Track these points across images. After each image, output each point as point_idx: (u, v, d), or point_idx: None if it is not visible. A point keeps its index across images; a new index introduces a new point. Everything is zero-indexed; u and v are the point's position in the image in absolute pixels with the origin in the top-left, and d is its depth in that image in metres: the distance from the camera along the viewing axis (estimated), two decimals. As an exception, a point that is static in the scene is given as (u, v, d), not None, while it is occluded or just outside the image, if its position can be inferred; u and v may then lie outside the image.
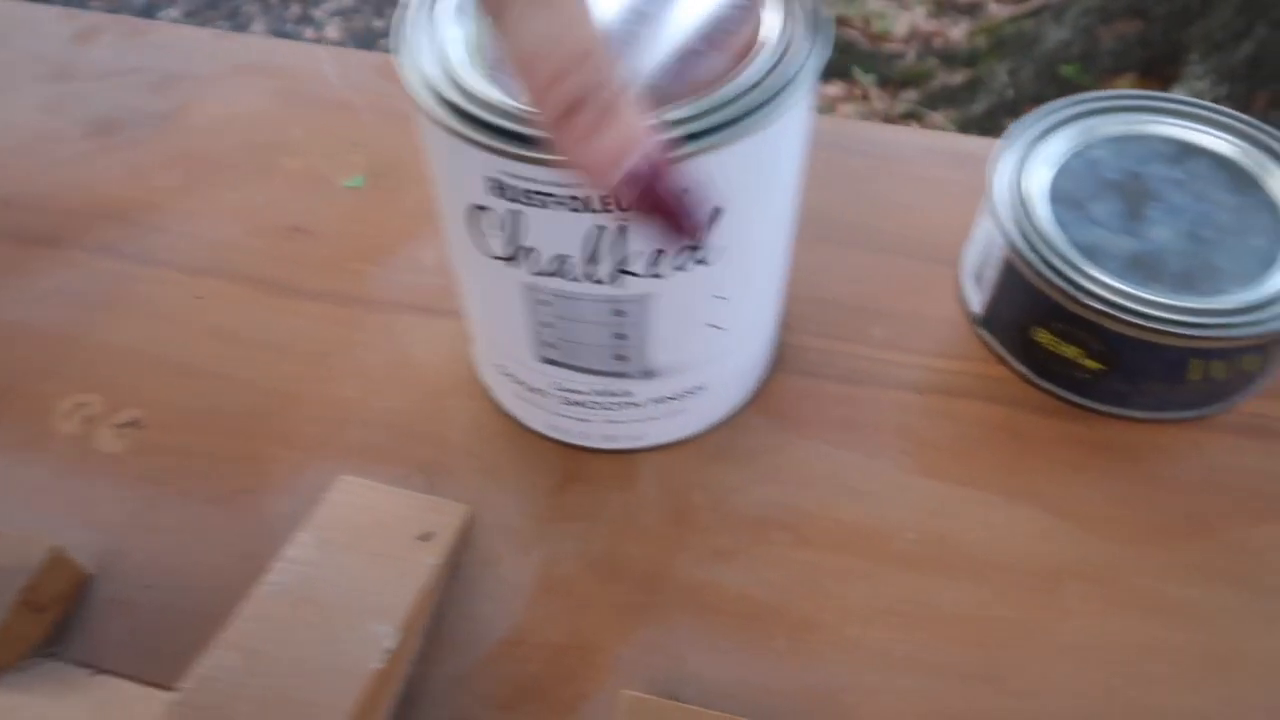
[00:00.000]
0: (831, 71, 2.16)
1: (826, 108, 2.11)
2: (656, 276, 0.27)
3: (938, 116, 1.98)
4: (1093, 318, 0.32)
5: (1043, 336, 0.34)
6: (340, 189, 0.43)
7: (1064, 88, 1.91)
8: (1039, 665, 0.30)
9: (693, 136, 0.24)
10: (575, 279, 0.27)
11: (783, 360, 0.37)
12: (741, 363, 0.33)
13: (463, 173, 0.26)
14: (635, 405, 0.32)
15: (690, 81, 0.25)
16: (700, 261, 0.27)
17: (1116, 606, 0.31)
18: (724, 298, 0.29)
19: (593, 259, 0.26)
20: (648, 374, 0.31)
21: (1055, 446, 0.34)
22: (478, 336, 0.34)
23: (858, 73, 2.14)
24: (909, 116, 2.02)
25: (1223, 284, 0.32)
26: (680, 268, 0.27)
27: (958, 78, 2.08)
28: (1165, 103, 0.37)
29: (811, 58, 0.26)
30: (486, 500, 0.34)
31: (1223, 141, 0.36)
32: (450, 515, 0.33)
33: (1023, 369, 0.36)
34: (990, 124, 1.93)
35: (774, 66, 0.25)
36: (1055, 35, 2.00)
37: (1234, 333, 0.31)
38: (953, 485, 0.34)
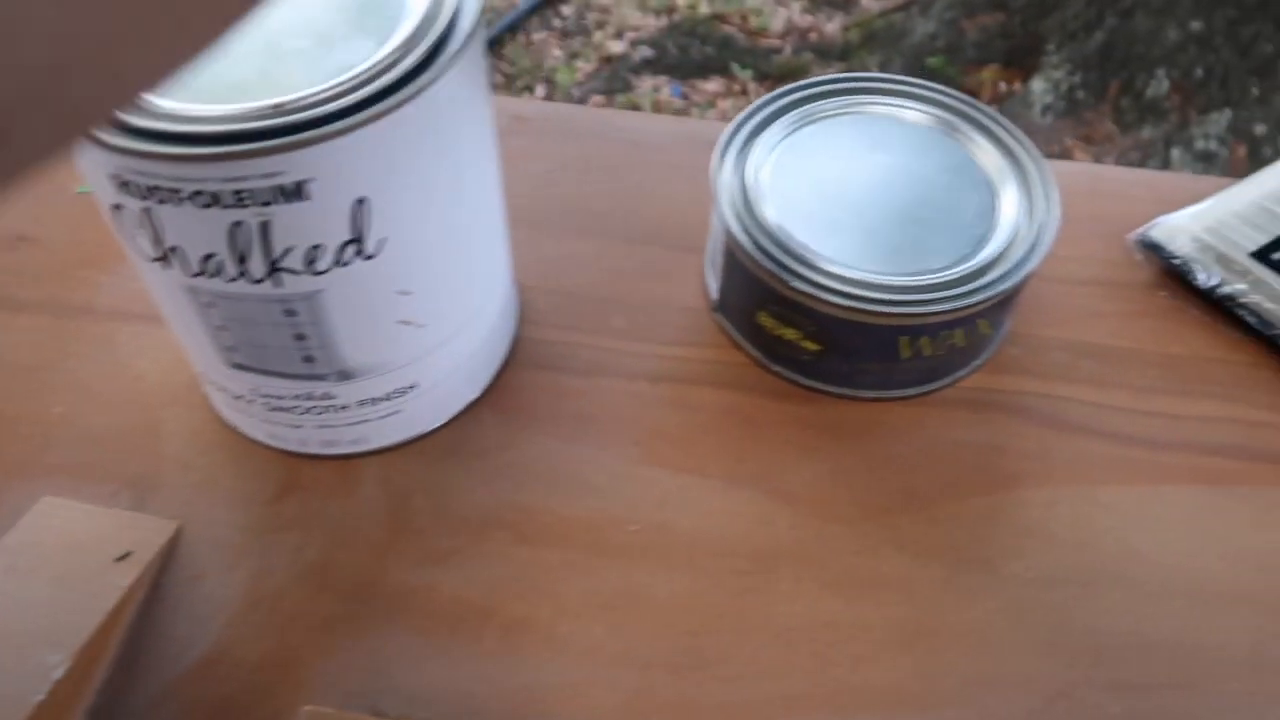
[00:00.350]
0: (710, 68, 2.18)
1: (706, 104, 2.13)
2: (317, 273, 0.26)
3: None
4: (802, 300, 0.32)
5: (765, 320, 0.34)
6: (74, 195, 0.41)
7: (931, 79, 1.96)
8: (748, 650, 0.30)
9: (323, 120, 0.23)
10: (232, 279, 0.26)
11: (519, 354, 0.36)
12: (458, 359, 0.32)
13: (93, 171, 0.25)
14: (342, 408, 0.31)
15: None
16: (363, 255, 0.26)
17: (829, 587, 0.31)
18: (409, 292, 0.28)
19: (243, 258, 0.25)
20: (344, 375, 0.30)
21: (783, 429, 0.34)
22: (181, 345, 0.32)
23: (735, 68, 2.16)
24: (786, 110, 2.04)
25: (932, 261, 0.33)
26: (342, 263, 0.26)
27: (832, 71, 2.12)
28: (877, 83, 0.37)
29: (456, 32, 0.25)
30: (199, 514, 0.32)
31: (931, 117, 0.37)
32: (153, 533, 0.31)
33: (755, 353, 0.36)
34: (864, 116, 1.97)
35: (407, 44, 0.24)
36: (922, 28, 2.05)
37: (932, 309, 0.31)
38: (677, 474, 0.33)
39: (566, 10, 2.46)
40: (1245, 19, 1.74)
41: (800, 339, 0.33)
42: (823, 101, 0.37)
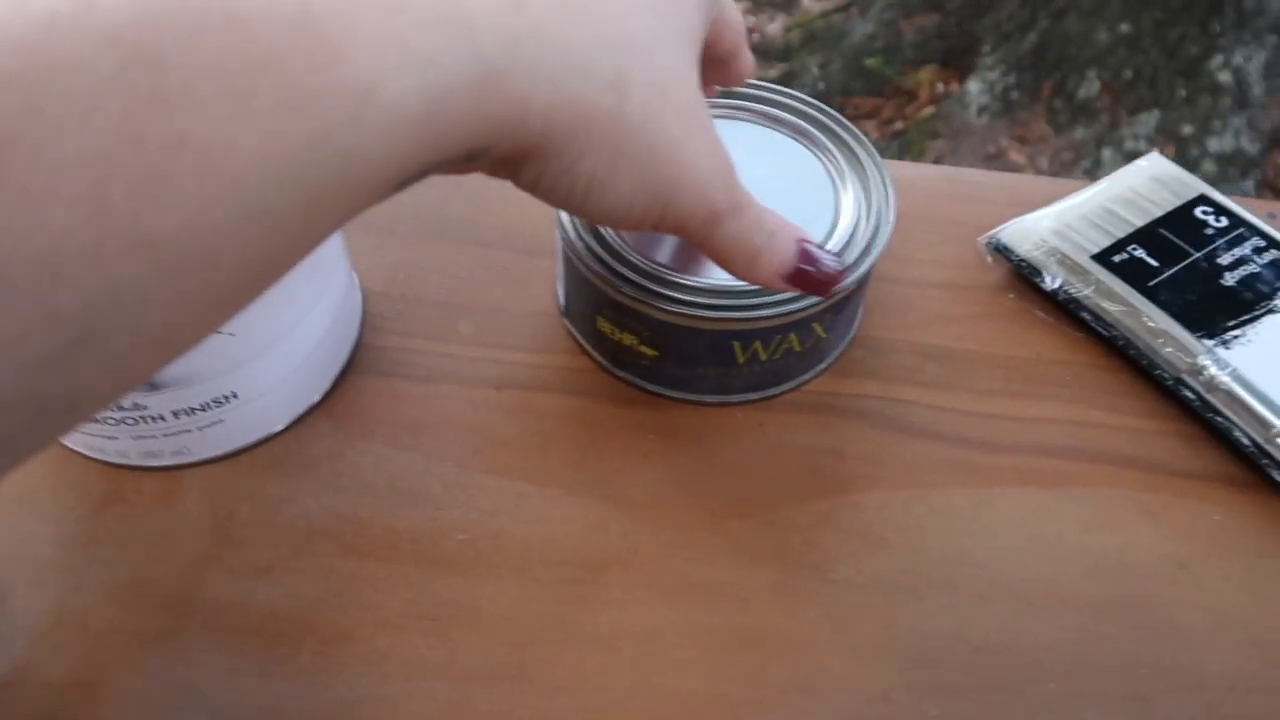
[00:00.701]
0: (653, 67, 2.18)
1: (649, 103, 2.13)
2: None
3: (754, 110, 2.01)
4: (633, 305, 0.32)
5: (605, 325, 0.34)
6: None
7: (870, 80, 1.97)
8: (571, 659, 0.29)
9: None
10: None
11: (360, 361, 0.35)
12: (284, 369, 0.32)
13: None
14: (158, 419, 0.30)
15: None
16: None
17: (658, 593, 0.31)
18: (209, 301, 0.27)
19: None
20: (151, 385, 0.29)
21: (625, 435, 0.34)
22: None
23: (678, 68, 2.16)
24: (727, 110, 2.05)
25: None
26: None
27: (773, 72, 2.12)
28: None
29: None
30: (14, 531, 0.31)
31: (773, 120, 0.36)
32: (-42, 549, 0.30)
33: (600, 359, 0.35)
34: (805, 116, 1.98)
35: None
36: (861, 29, 2.07)
37: (761, 313, 0.31)
38: (515, 482, 0.33)
39: (510, 9, 2.43)
40: (1171, 21, 1.77)
41: (638, 344, 0.33)
42: None
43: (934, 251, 0.39)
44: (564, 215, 0.33)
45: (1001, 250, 0.38)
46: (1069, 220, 0.38)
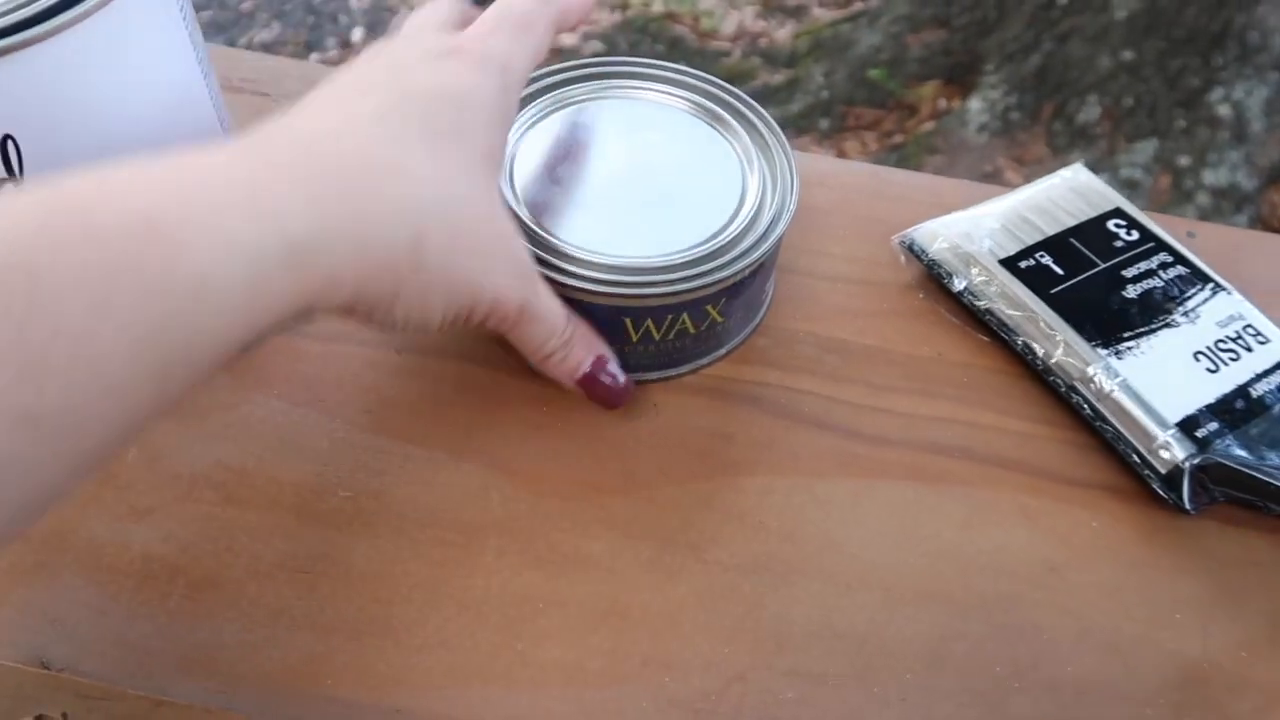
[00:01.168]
0: (658, 65, 2.18)
1: (652, 101, 2.13)
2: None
3: (755, 114, 2.01)
4: None
5: None
6: None
7: (873, 91, 1.97)
8: (436, 620, 0.30)
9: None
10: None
11: (266, 318, 0.36)
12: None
13: None
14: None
15: None
16: (27, 197, 0.26)
17: (530, 562, 0.31)
18: (94, 240, 0.28)
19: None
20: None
21: (518, 406, 0.34)
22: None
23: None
24: (729, 113, 2.05)
25: (668, 245, 0.33)
26: None
27: (778, 78, 2.13)
28: (636, 67, 0.38)
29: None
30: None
31: (689, 103, 0.37)
32: None
33: (501, 330, 0.36)
34: (806, 123, 1.98)
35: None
36: (868, 40, 2.07)
37: (648, 291, 0.31)
38: (404, 444, 0.33)
39: None
40: (1174, 51, 1.77)
41: None
42: (579, 85, 0.37)
43: (849, 247, 0.39)
44: None
45: (914, 250, 0.38)
46: (983, 224, 0.38)
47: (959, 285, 0.37)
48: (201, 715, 0.26)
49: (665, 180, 0.35)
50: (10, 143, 0.24)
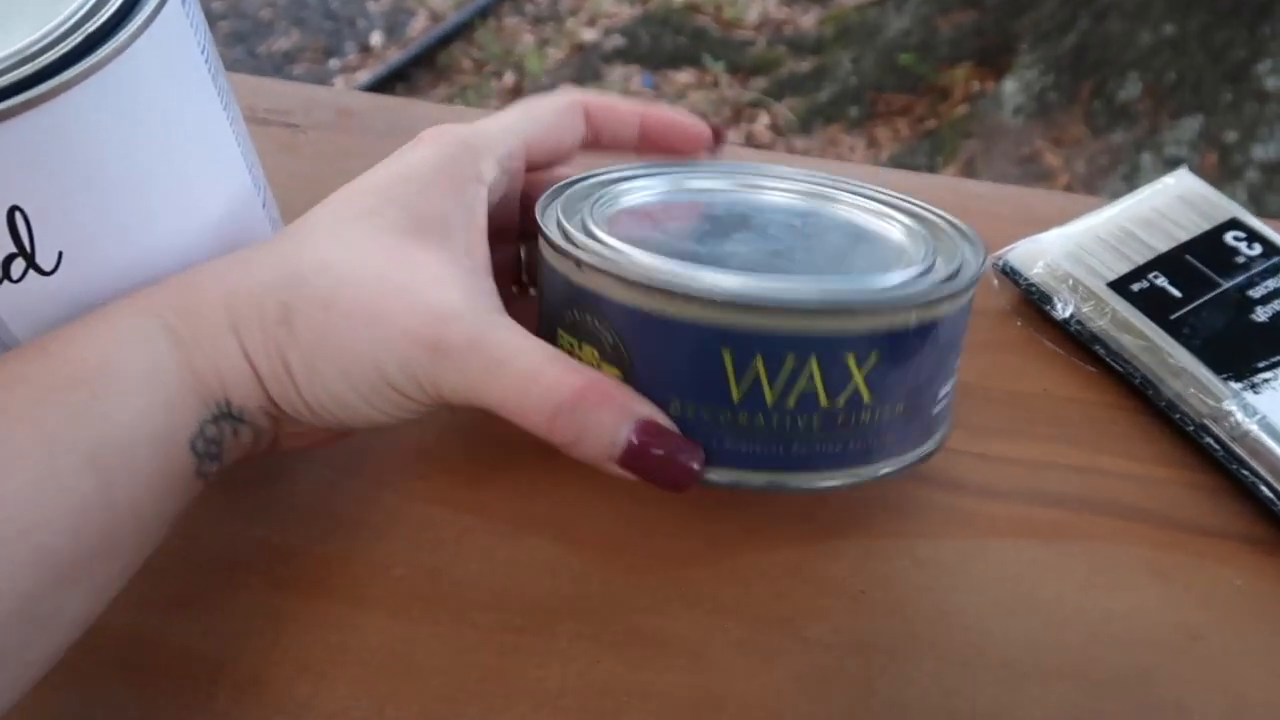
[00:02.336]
0: (682, 58, 2.14)
1: (677, 94, 2.09)
2: (-17, 291, 0.23)
3: (781, 107, 1.97)
4: (587, 286, 0.26)
5: (565, 341, 0.31)
6: None
7: (903, 76, 1.92)
8: (510, 718, 0.27)
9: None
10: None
11: (305, 376, 0.33)
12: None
13: None
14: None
15: None
16: (39, 271, 0.23)
17: (608, 647, 0.28)
18: (115, 313, 0.25)
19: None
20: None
21: (583, 468, 0.31)
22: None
23: (708, 60, 2.12)
24: (755, 105, 2.02)
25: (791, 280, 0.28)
26: (12, 279, 0.23)
27: (805, 65, 2.09)
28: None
29: (135, 11, 0.22)
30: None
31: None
32: None
33: (563, 381, 0.32)
34: (835, 112, 1.94)
35: (71, 20, 0.21)
36: (896, 24, 2.02)
37: (763, 317, 0.26)
38: (461, 514, 0.30)
39: (540, -5, 2.42)
40: (1218, 24, 1.71)
41: (597, 361, 0.30)
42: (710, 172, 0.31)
43: (937, 272, 0.36)
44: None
45: (1009, 273, 0.35)
46: (1084, 242, 0.34)
47: (1063, 312, 0.33)
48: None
49: (817, 236, 0.28)
50: (19, 214, 0.21)
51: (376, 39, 2.28)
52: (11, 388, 0.21)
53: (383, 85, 2.01)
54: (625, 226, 0.28)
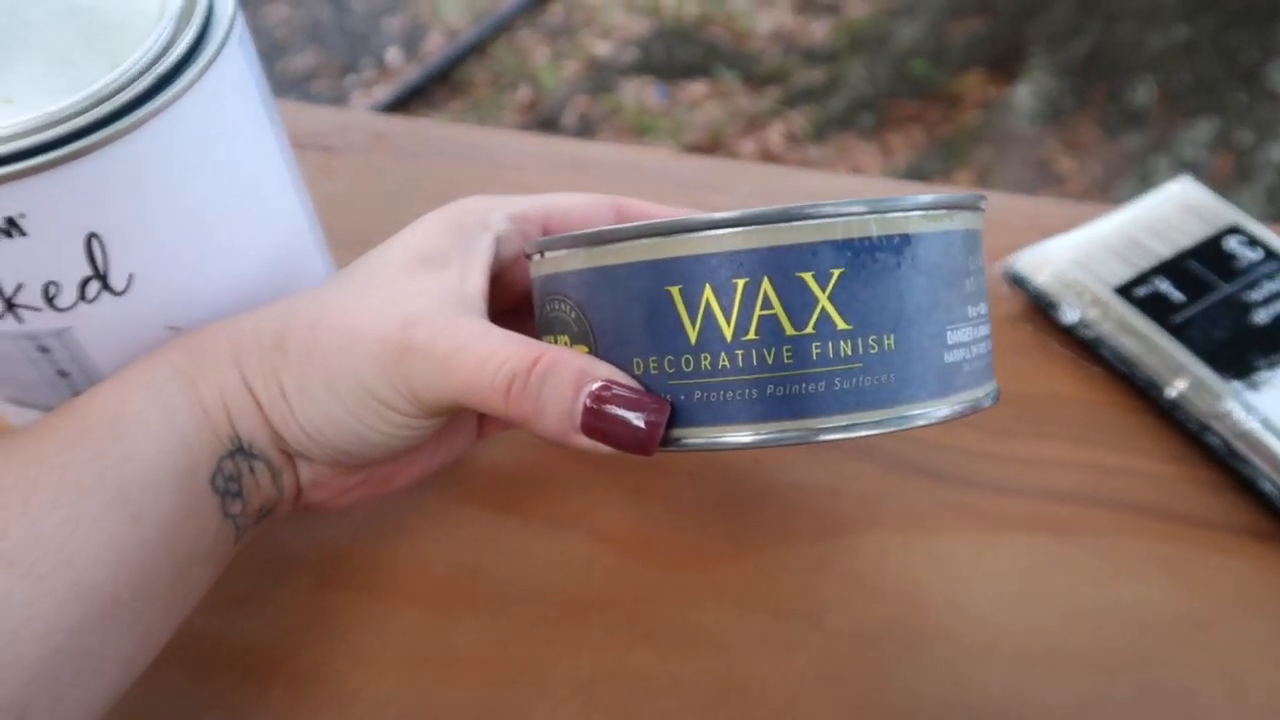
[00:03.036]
0: (695, 70, 2.16)
1: (691, 106, 2.11)
2: (60, 310, 0.25)
3: (797, 115, 1.99)
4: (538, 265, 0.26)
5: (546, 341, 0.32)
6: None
7: (915, 84, 1.93)
8: (547, 706, 0.28)
9: (27, 153, 0.21)
10: (-29, 315, 0.24)
11: (348, 385, 0.35)
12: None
13: None
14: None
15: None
16: (112, 292, 0.25)
17: (639, 638, 0.29)
18: (179, 328, 0.27)
19: (-24, 294, 0.24)
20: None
21: (615, 469, 0.33)
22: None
23: (721, 71, 2.14)
24: (770, 115, 2.03)
25: None
26: (88, 299, 0.25)
27: (818, 75, 2.10)
28: None
29: (200, 54, 0.24)
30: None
31: None
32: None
33: (592, 388, 0.34)
34: (848, 120, 1.95)
35: (145, 60, 0.23)
36: (908, 32, 2.03)
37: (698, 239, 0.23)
38: (497, 515, 0.32)
39: (554, 11, 2.45)
40: (1231, 26, 1.72)
41: (569, 345, 0.31)
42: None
43: (948, 279, 0.37)
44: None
45: (1017, 279, 0.36)
46: (1090, 249, 0.36)
47: (1070, 317, 0.35)
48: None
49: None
50: (95, 241, 0.23)
51: (393, 56, 2.31)
52: (42, 439, 0.23)
53: (400, 101, 2.04)
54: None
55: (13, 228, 0.22)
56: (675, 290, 0.22)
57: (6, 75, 0.23)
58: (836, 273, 0.21)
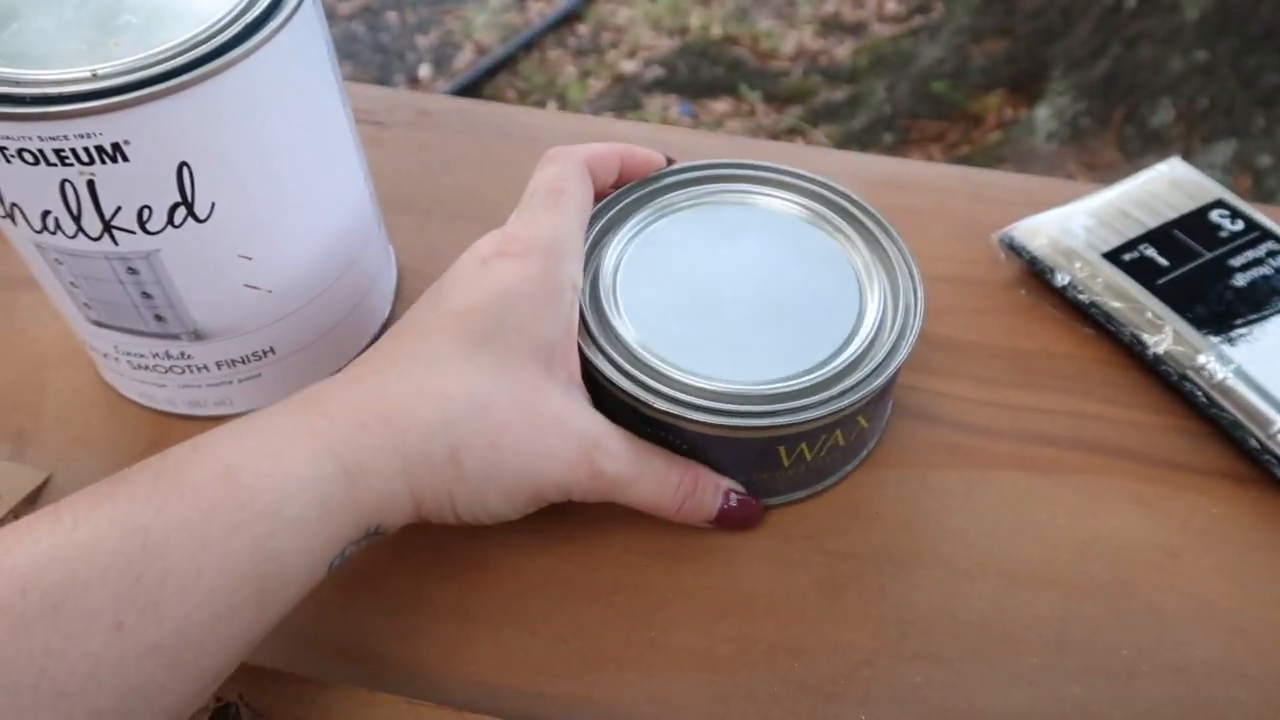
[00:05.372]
0: (719, 88, 2.20)
1: (714, 124, 2.15)
2: (151, 233, 0.28)
3: (818, 133, 2.02)
4: (668, 420, 0.30)
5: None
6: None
7: (937, 104, 1.97)
8: (570, 610, 0.31)
9: (135, 85, 0.25)
10: (71, 236, 0.28)
11: (392, 330, 0.38)
12: (317, 330, 0.34)
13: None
14: (202, 369, 0.33)
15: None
16: (195, 218, 0.28)
17: (653, 555, 0.32)
18: (249, 257, 0.30)
19: (77, 215, 0.27)
20: (196, 335, 0.32)
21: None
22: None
23: (744, 89, 2.18)
24: (793, 132, 2.06)
25: (797, 363, 0.30)
26: (175, 224, 0.28)
27: (840, 94, 2.13)
28: (737, 169, 0.35)
29: (280, 8, 0.27)
30: (73, 466, 0.34)
31: (790, 204, 0.34)
32: (22, 480, 0.33)
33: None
34: (869, 138, 1.98)
35: (225, 19, 0.26)
36: (930, 53, 2.06)
37: (805, 416, 0.29)
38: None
39: (582, 29, 2.50)
40: (1250, 49, 1.74)
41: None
42: (679, 191, 0.35)
43: (948, 247, 0.40)
44: (580, 330, 0.31)
45: (1014, 247, 0.39)
46: (1082, 219, 0.38)
47: (1061, 280, 0.37)
48: (358, 695, 0.28)
49: (778, 289, 0.32)
50: (186, 169, 0.27)
51: (425, 71, 2.37)
52: (211, 518, 0.23)
53: (432, 113, 2.09)
54: (643, 319, 0.32)
55: (118, 153, 0.25)
56: (781, 447, 0.31)
57: (115, 24, 0.27)
58: (869, 406, 0.31)
